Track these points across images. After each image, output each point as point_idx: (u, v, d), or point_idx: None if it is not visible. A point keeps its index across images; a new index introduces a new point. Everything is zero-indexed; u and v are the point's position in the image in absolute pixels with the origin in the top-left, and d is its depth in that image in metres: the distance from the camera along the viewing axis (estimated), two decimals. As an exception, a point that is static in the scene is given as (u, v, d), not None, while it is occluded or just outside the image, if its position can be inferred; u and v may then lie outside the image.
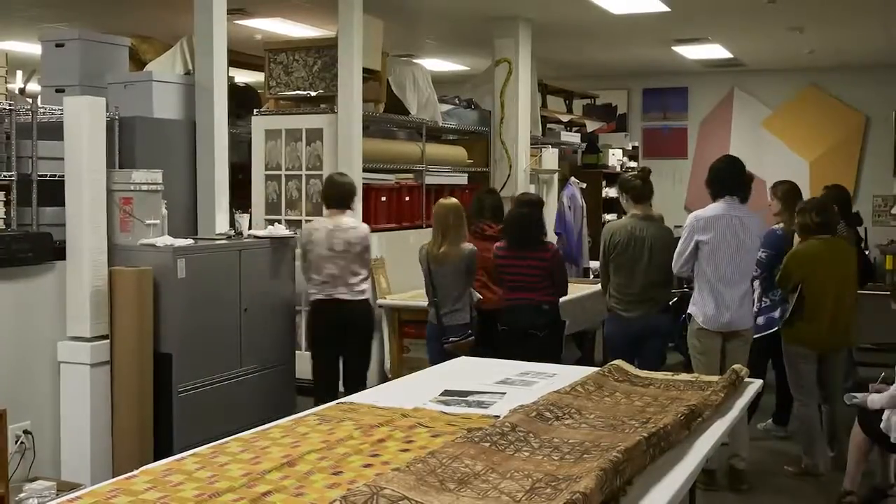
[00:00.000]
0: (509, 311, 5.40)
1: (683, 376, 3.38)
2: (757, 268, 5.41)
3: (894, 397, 4.45)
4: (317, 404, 3.38)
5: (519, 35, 8.51)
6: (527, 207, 5.48)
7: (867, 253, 7.40)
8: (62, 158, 4.75)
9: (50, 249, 4.67)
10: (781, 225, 5.77)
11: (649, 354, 5.18)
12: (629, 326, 5.27)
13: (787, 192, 5.91)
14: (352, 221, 5.63)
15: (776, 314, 5.64)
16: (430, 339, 5.61)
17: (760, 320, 5.65)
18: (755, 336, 5.29)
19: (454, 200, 5.65)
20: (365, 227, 5.65)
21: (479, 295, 5.63)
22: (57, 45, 5.80)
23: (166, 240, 4.95)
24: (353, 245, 5.50)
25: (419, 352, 6.44)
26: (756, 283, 5.58)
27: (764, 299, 5.75)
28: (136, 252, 4.89)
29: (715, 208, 5.03)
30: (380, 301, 6.63)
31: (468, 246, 5.47)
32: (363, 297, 5.58)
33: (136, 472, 2.37)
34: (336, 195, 5.62)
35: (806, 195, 6.21)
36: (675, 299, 6.35)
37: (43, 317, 4.68)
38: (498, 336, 5.47)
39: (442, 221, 5.49)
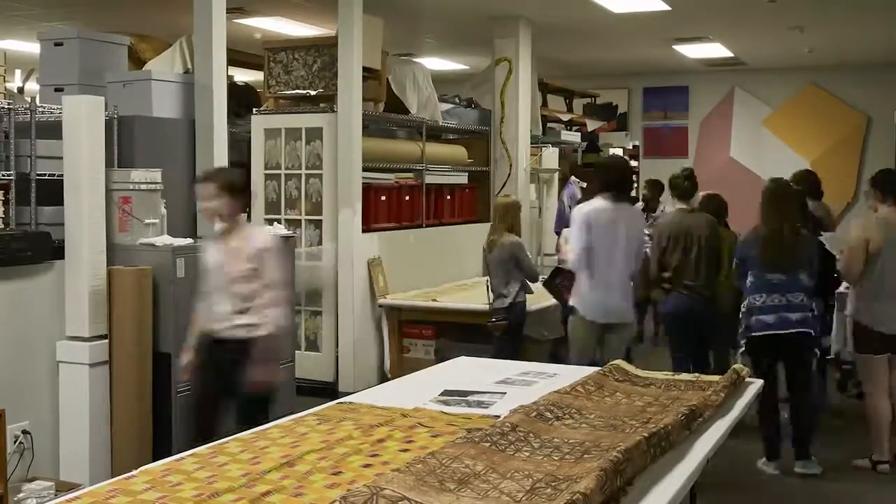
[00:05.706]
0: None
1: (684, 376, 3.37)
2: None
3: None
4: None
5: (519, 34, 8.50)
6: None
7: None
8: (61, 157, 4.73)
9: (49, 249, 4.65)
10: None
11: (710, 333, 5.58)
12: (689, 306, 5.53)
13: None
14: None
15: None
16: None
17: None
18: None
19: (512, 198, 6.19)
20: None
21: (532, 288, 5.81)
22: (56, 44, 5.79)
23: (165, 239, 4.94)
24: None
25: (419, 352, 6.47)
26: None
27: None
28: (135, 251, 4.88)
29: None
30: (379, 301, 6.69)
31: (511, 238, 5.69)
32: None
33: (134, 472, 2.37)
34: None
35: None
36: None
37: (41, 316, 4.66)
38: None
39: (494, 215, 5.94)
